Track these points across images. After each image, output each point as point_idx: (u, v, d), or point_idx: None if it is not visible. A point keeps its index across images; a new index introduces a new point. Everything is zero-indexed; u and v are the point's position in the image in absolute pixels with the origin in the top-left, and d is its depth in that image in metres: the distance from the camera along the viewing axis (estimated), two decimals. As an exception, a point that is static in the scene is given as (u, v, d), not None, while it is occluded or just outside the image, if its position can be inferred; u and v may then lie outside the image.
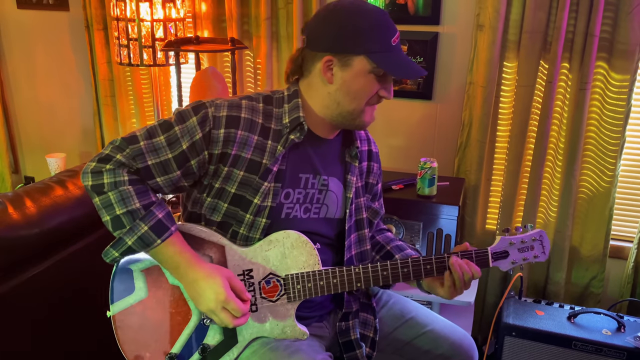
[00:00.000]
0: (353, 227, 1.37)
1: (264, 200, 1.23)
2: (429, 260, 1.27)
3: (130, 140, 1.17)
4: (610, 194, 2.11)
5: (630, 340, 1.80)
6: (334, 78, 1.22)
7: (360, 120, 1.27)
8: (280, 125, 1.24)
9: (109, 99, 2.78)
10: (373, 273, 1.26)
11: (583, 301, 2.26)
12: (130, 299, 1.23)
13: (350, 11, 1.20)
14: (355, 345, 1.37)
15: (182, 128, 1.17)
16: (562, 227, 2.17)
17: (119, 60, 2.32)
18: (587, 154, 2.12)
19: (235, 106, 1.21)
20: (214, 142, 1.18)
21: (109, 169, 1.15)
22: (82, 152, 3.03)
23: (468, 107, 2.21)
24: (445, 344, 1.41)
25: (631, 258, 2.17)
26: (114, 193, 1.14)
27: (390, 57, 1.20)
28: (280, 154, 1.23)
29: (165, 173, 1.18)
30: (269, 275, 1.25)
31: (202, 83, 2.18)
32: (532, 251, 1.30)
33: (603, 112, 2.05)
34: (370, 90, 1.22)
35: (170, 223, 1.18)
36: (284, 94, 1.28)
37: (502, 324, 1.93)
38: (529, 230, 1.31)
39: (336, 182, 1.34)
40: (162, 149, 1.17)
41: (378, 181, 1.49)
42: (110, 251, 1.17)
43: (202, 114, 1.18)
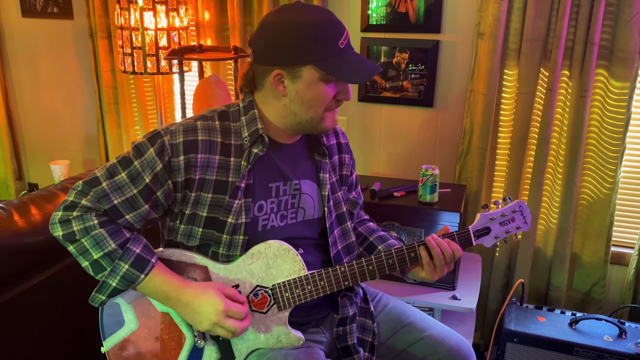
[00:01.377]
0: (335, 222, 1.38)
1: (238, 218, 1.22)
2: (412, 247, 1.28)
3: (92, 182, 1.17)
4: (611, 200, 2.11)
5: (632, 347, 1.80)
6: (286, 90, 1.20)
7: (322, 127, 1.26)
8: (240, 140, 1.23)
9: (113, 107, 2.80)
10: (359, 269, 1.27)
11: (584, 307, 2.27)
12: (122, 332, 1.24)
13: (291, 22, 1.17)
14: (352, 351, 1.37)
15: (141, 162, 1.17)
16: (563, 233, 2.18)
17: (123, 68, 2.34)
18: (588, 160, 2.13)
19: (191, 129, 1.19)
20: (175, 171, 1.18)
21: (77, 215, 1.15)
22: (85, 159, 3.05)
23: (469, 115, 2.23)
24: (443, 350, 1.41)
25: (632, 264, 2.17)
26: (87, 239, 1.14)
27: (339, 61, 1.18)
28: (246, 170, 1.22)
29: (134, 209, 1.18)
30: (256, 288, 1.25)
31: (205, 91, 2.20)
32: (514, 223, 1.31)
33: (603, 119, 2.06)
34: (325, 97, 1.21)
35: (149, 255, 1.18)
36: (239, 106, 1.26)
37: (503, 330, 1.94)
38: (508, 202, 1.31)
39: (309, 183, 1.34)
40: (126, 185, 1.17)
41: (352, 171, 1.48)
42: (97, 296, 1.18)
43: (159, 144, 1.17)
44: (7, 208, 1.38)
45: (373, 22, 2.30)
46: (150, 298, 1.23)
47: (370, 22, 2.31)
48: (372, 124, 2.42)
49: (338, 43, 1.17)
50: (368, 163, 2.49)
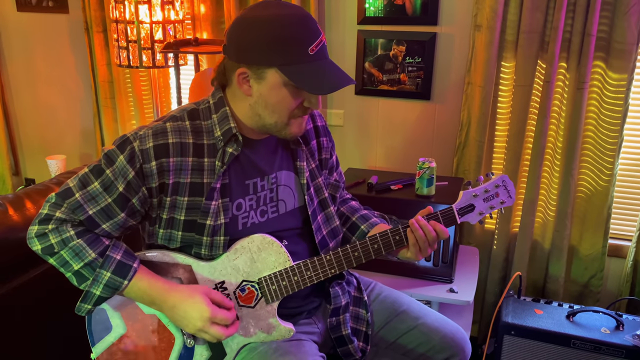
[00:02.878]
0: (317, 209, 1.35)
1: (217, 219, 1.20)
2: (397, 230, 1.26)
3: (65, 194, 1.16)
4: (608, 192, 2.11)
5: (629, 339, 1.80)
6: (251, 90, 1.16)
7: (287, 132, 1.21)
8: (212, 139, 1.20)
9: (109, 101, 2.79)
10: (345, 256, 1.26)
11: (582, 300, 2.27)
12: (110, 338, 1.24)
13: (262, 20, 1.11)
14: (347, 341, 1.36)
15: (113, 170, 1.15)
16: (561, 226, 2.18)
17: (119, 62, 2.33)
18: (585, 153, 2.13)
19: (160, 133, 1.15)
20: (148, 177, 1.15)
21: (52, 228, 1.14)
22: (82, 154, 3.04)
23: (466, 107, 2.22)
24: (437, 338, 1.40)
25: (630, 256, 2.17)
26: (66, 250, 1.14)
27: (305, 69, 1.12)
28: (221, 170, 1.19)
29: (110, 218, 1.16)
30: (242, 282, 1.24)
31: (201, 84, 2.19)
32: (498, 198, 1.29)
33: (601, 111, 2.06)
34: (289, 103, 1.16)
35: (131, 260, 1.17)
36: (209, 103, 1.22)
37: (501, 322, 1.94)
38: (490, 178, 1.29)
39: (286, 174, 1.31)
40: (100, 195, 1.15)
41: (332, 154, 1.45)
42: (82, 306, 1.18)
43: (129, 151, 1.14)
44: (2, 202, 1.38)
45: (370, 14, 2.29)
46: (137, 302, 1.23)
47: (367, 14, 2.29)
48: (369, 117, 2.42)
49: (308, 49, 1.11)
50: (365, 156, 2.48)
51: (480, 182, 1.30)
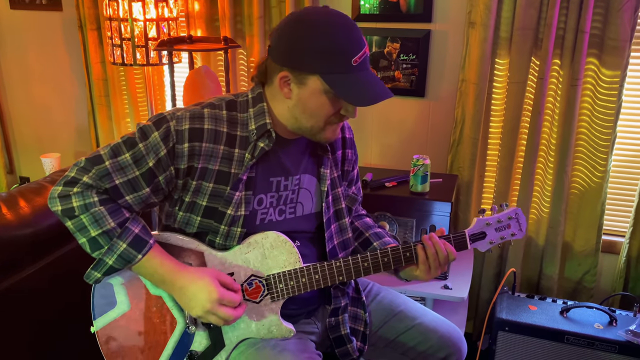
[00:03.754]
0: (332, 217, 1.37)
1: (237, 210, 1.22)
2: (408, 247, 1.28)
3: (95, 160, 1.16)
4: (602, 189, 2.12)
5: (622, 334, 1.81)
6: (291, 94, 1.18)
7: (321, 137, 1.24)
8: (246, 132, 1.22)
9: (103, 99, 2.78)
10: (354, 265, 1.27)
11: (576, 296, 2.28)
12: (113, 314, 1.24)
13: (310, 25, 1.14)
14: (346, 340, 1.37)
15: (145, 145, 1.16)
16: (555, 222, 2.19)
17: (112, 60, 2.32)
18: (579, 149, 2.13)
19: (198, 117, 1.18)
20: (179, 157, 1.17)
21: (77, 192, 1.14)
22: (77, 152, 3.03)
23: (460, 104, 2.22)
24: (434, 337, 1.42)
25: (623, 252, 2.18)
26: (86, 215, 1.13)
27: (347, 79, 1.13)
28: (250, 163, 1.21)
29: (134, 191, 1.17)
30: (251, 277, 1.25)
31: (196, 82, 2.18)
32: (509, 229, 1.32)
33: (594, 107, 2.07)
34: (327, 110, 1.18)
35: (147, 237, 1.18)
36: (247, 97, 1.25)
37: (495, 319, 1.95)
38: (504, 209, 1.31)
39: (309, 178, 1.33)
40: (129, 167, 1.16)
41: (354, 167, 1.47)
42: (92, 273, 1.17)
43: (164, 129, 1.16)
44: (-6, 201, 1.38)
45: (365, 11, 2.29)
46: (145, 280, 1.23)
47: (361, 11, 2.29)
48: (363, 114, 2.42)
49: (352, 59, 1.13)
50: (360, 154, 2.47)
51: (494, 211, 1.32)
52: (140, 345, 1.24)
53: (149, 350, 1.24)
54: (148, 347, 1.24)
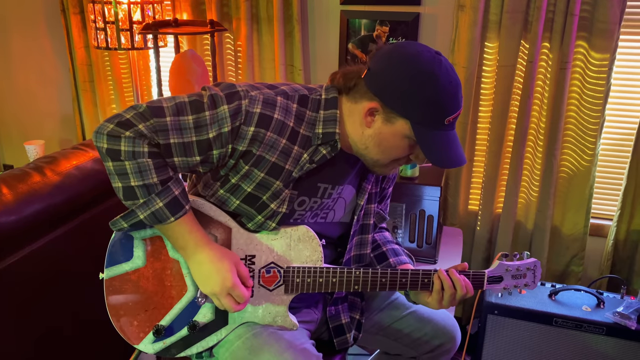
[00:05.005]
0: (357, 231, 1.36)
1: (280, 207, 1.20)
2: (427, 274, 1.27)
3: (156, 111, 1.09)
4: (590, 172, 2.13)
5: (610, 316, 1.83)
6: (373, 125, 1.16)
7: (378, 170, 1.24)
8: (310, 132, 1.18)
9: (88, 85, 2.73)
10: (372, 278, 1.26)
11: (564, 279, 2.29)
12: (126, 266, 1.22)
13: (420, 72, 1.10)
14: (346, 329, 1.38)
15: (212, 115, 1.10)
16: (544, 206, 2.20)
17: (96, 44, 2.28)
18: (568, 133, 2.13)
19: (270, 104, 1.14)
20: (241, 138, 1.12)
21: (129, 136, 1.08)
22: (61, 139, 2.98)
23: (450, 88, 2.21)
24: (428, 326, 1.43)
25: (611, 236, 2.20)
26: (132, 163, 1.08)
27: (435, 136, 1.12)
28: (309, 167, 1.18)
29: (185, 155, 1.12)
30: (271, 264, 1.24)
31: (182, 66, 2.15)
32: (524, 279, 1.33)
33: (583, 91, 2.06)
34: (401, 153, 1.18)
35: (185, 201, 1.14)
36: (321, 97, 1.20)
37: (484, 302, 1.95)
38: (524, 258, 1.33)
39: (350, 189, 1.31)
40: (188, 130, 1.10)
41: (391, 185, 1.45)
42: (120, 222, 1.14)
43: (236, 106, 1.11)
44: (-24, 188, 1.34)
45: (353, -6, 2.26)
46: (166, 241, 1.21)
47: (349, -6, 2.26)
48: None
49: (445, 119, 1.11)
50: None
51: (515, 258, 1.33)
52: (145, 304, 1.22)
53: (153, 311, 1.23)
54: (152, 307, 1.23)
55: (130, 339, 1.23)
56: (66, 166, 1.53)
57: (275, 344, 1.21)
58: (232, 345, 1.24)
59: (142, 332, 1.23)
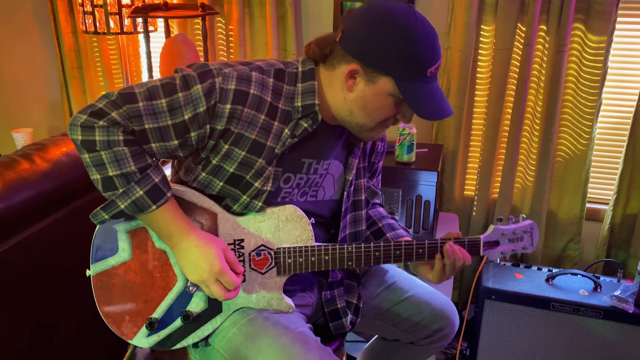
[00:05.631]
0: (350, 208, 1.34)
1: (265, 185, 1.17)
2: (422, 244, 1.25)
3: (128, 97, 1.06)
4: (586, 156, 2.12)
5: (607, 300, 1.83)
6: (354, 87, 1.13)
7: (366, 135, 1.21)
8: (289, 106, 1.15)
9: (76, 71, 2.67)
10: (365, 253, 1.24)
11: (560, 263, 2.29)
12: (112, 260, 1.18)
13: (395, 26, 1.07)
14: (341, 314, 1.36)
15: (186, 95, 1.07)
16: (540, 191, 2.18)
17: (84, 28, 2.22)
18: (564, 117, 2.12)
19: (245, 79, 1.11)
20: (217, 117, 1.09)
21: (102, 125, 1.05)
22: (50, 127, 2.93)
23: (446, 73, 2.18)
24: (426, 310, 1.41)
25: (607, 220, 2.19)
26: (107, 152, 1.06)
27: (419, 89, 1.09)
28: (291, 142, 1.15)
29: (162, 140, 1.09)
30: (260, 246, 1.21)
31: (173, 51, 2.10)
32: (521, 242, 1.31)
33: (580, 74, 2.05)
34: (387, 113, 1.15)
35: (166, 188, 1.11)
36: (297, 70, 1.17)
37: (481, 287, 1.94)
38: (520, 220, 1.31)
39: (337, 165, 1.29)
40: (162, 114, 1.07)
41: (380, 159, 1.43)
42: (100, 213, 1.11)
43: (209, 84, 1.08)
44: (-38, 175, 1.30)
45: (346, -23, 2.22)
46: (151, 232, 1.18)
47: (343, -23, 2.22)
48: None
49: (427, 70, 1.09)
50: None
51: (511, 221, 1.31)
52: (135, 298, 1.19)
53: (144, 304, 1.20)
54: (143, 300, 1.20)
55: (124, 334, 1.20)
56: (55, 153, 1.50)
57: (272, 329, 1.19)
58: (228, 333, 1.22)
59: (135, 327, 1.20)
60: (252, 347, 1.17)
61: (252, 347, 1.17)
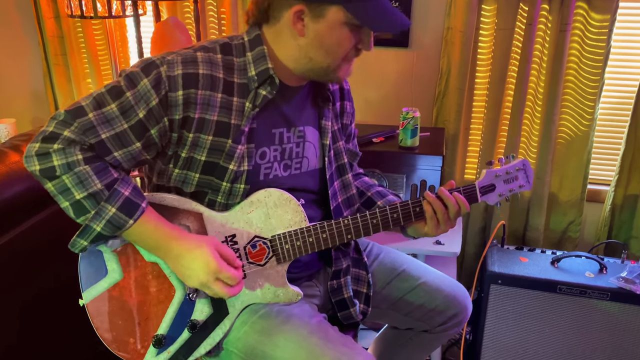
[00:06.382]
0: (335, 174, 1.29)
1: (240, 165, 1.12)
2: (417, 202, 1.21)
3: (76, 112, 1.02)
4: (588, 137, 2.09)
5: (614, 281, 1.81)
6: (305, 30, 1.08)
7: (334, 77, 1.15)
8: (244, 78, 1.11)
9: (60, 58, 2.56)
10: (363, 222, 1.20)
11: (561, 246, 2.28)
12: (104, 283, 1.12)
13: None
14: (348, 304, 1.31)
15: (134, 93, 1.03)
16: (542, 173, 2.16)
17: (69, 12, 2.12)
18: (566, 97, 2.09)
19: (191, 61, 1.06)
20: (172, 107, 1.05)
21: (58, 148, 1.00)
22: (33, 117, 2.82)
23: (446, 54, 2.13)
24: (440, 297, 1.38)
25: (608, 201, 2.18)
26: (69, 176, 1.01)
27: (369, 6, 1.06)
28: (253, 113, 1.11)
29: (124, 146, 1.05)
30: (254, 238, 1.16)
31: (165, 35, 2.02)
32: (517, 181, 1.29)
33: (582, 54, 2.01)
34: (346, 45, 1.10)
35: (139, 199, 1.06)
36: (244, 40, 1.13)
37: (487, 272, 1.92)
38: (511, 160, 1.28)
39: (312, 131, 1.24)
40: (116, 119, 1.03)
41: (352, 121, 1.39)
42: (78, 241, 1.05)
43: (155, 75, 1.03)
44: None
45: (342, -44, 2.14)
46: (138, 246, 1.12)
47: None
48: (344, 67, 2.30)
49: None
50: (341, 109, 2.37)
51: (502, 163, 1.27)
52: (135, 317, 1.13)
53: (146, 322, 1.13)
54: (144, 318, 1.13)
55: (132, 358, 1.13)
56: (48, 143, 1.41)
57: (287, 322, 1.15)
58: (239, 332, 1.17)
59: (143, 348, 1.14)
60: (269, 342, 1.12)
61: (269, 343, 1.12)
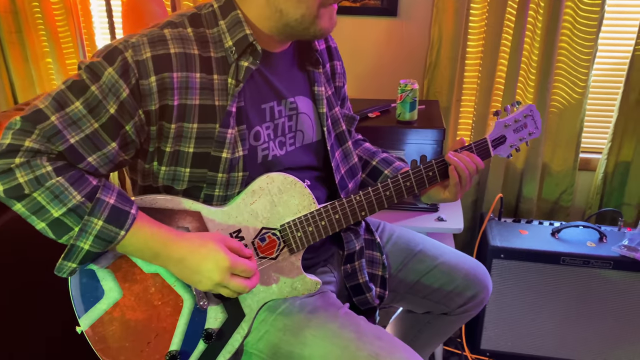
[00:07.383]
0: (335, 144, 1.19)
1: (234, 152, 1.00)
2: (430, 166, 1.13)
3: (35, 117, 0.87)
4: (581, 105, 2.06)
5: (616, 249, 1.80)
6: None
7: (316, 28, 1.00)
8: (221, 51, 0.98)
9: (14, 36, 2.34)
10: (376, 196, 1.10)
11: (553, 216, 2.27)
12: (103, 305, 0.99)
13: None
14: (364, 289, 1.23)
15: (100, 86, 0.90)
16: (535, 144, 2.12)
17: (27, -16, 1.91)
18: (560, 65, 2.04)
19: (159, 41, 0.93)
20: (146, 96, 0.92)
21: (21, 162, 0.86)
22: (-13, 103, 2.58)
23: (437, 23, 2.04)
24: (459, 276, 1.31)
25: (600, 169, 2.17)
26: (41, 192, 0.87)
27: None
28: (237, 90, 0.98)
29: (97, 149, 0.91)
30: (262, 230, 1.05)
31: (137, 7, 1.84)
32: (526, 129, 1.23)
33: (576, 19, 1.96)
34: None
35: (127, 205, 0.93)
36: (213, 7, 1.00)
37: (489, 247, 1.88)
38: (517, 107, 1.22)
39: (304, 100, 1.13)
40: (83, 119, 0.89)
41: (344, 82, 1.28)
42: (64, 264, 0.91)
43: (120, 62, 0.90)
44: None
45: None
46: (134, 258, 0.99)
47: None
48: (329, 39, 2.18)
49: None
50: (326, 84, 2.26)
51: (508, 111, 1.20)
52: (144, 336, 1.01)
53: (156, 339, 1.01)
54: (154, 335, 1.01)
55: None
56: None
57: (313, 317, 1.06)
58: (260, 332, 1.07)
59: None
60: (295, 340, 1.03)
61: (295, 341, 1.03)
